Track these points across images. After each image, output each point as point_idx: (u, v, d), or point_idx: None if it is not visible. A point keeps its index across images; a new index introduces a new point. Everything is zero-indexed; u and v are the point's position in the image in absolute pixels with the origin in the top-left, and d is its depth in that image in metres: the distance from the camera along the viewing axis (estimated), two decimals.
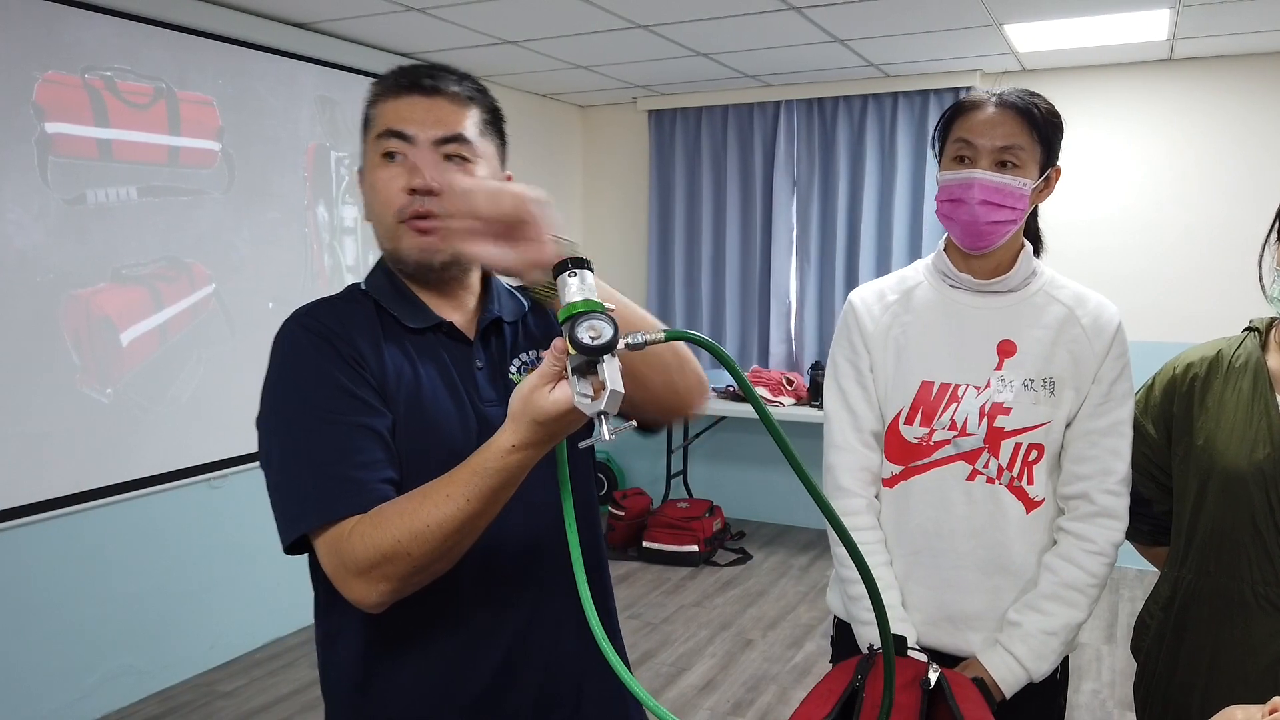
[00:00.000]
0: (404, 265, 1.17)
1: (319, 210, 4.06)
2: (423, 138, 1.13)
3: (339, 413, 1.08)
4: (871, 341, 1.60)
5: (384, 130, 1.14)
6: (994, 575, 1.53)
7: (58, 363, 3.11)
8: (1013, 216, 1.48)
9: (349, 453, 1.06)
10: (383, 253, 1.21)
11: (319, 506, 1.04)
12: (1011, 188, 1.46)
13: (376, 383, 1.11)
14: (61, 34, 3.08)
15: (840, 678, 1.45)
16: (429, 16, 3.74)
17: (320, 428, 1.07)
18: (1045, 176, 1.51)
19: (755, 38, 4.15)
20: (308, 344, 1.12)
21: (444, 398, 1.15)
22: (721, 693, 3.52)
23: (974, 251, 1.53)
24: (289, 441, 1.09)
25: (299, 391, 1.10)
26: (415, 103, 1.14)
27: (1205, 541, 1.50)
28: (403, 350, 1.15)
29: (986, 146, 1.47)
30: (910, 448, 1.56)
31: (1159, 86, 4.68)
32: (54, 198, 3.08)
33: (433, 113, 1.14)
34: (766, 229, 5.47)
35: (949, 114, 1.54)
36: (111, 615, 3.32)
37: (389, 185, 1.14)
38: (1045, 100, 1.51)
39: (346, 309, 1.17)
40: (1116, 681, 3.58)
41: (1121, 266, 4.75)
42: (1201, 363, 1.55)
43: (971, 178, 1.47)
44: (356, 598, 1.03)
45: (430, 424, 1.13)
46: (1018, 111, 1.47)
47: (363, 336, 1.14)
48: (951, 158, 1.51)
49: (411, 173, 1.12)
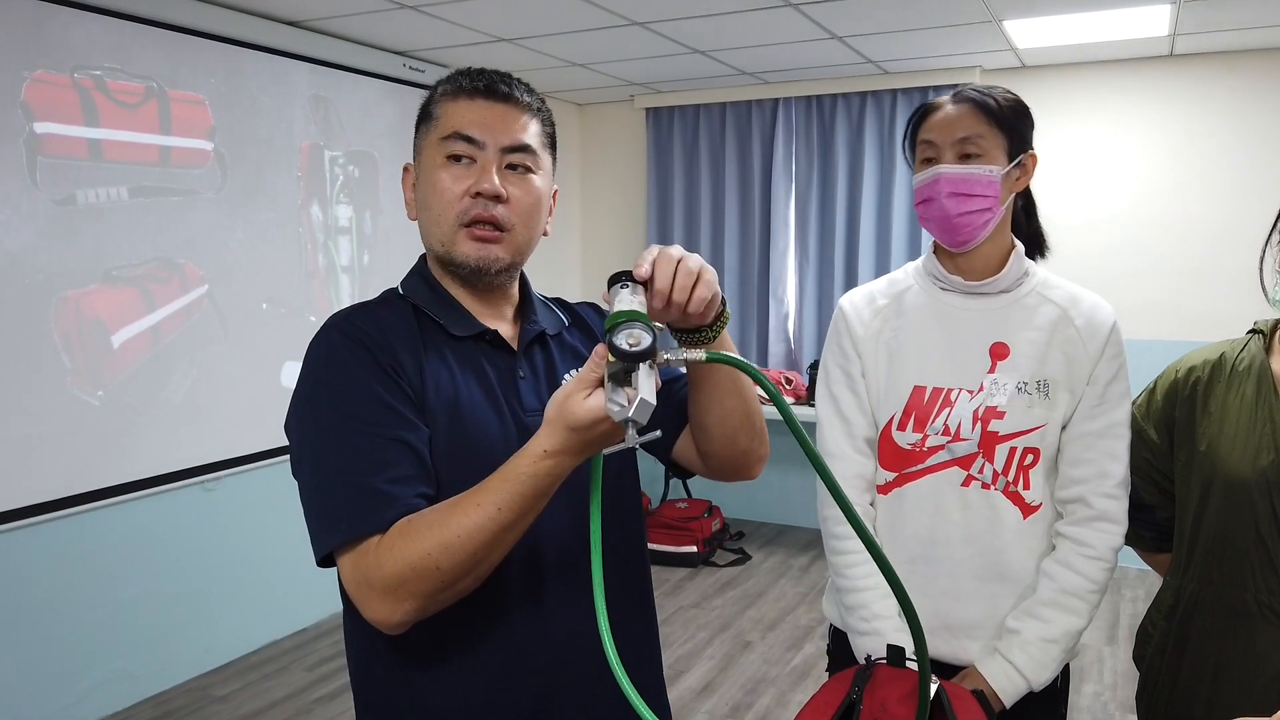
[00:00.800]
0: (458, 269, 1.15)
1: (313, 210, 4.03)
2: (491, 144, 1.13)
3: (373, 424, 1.05)
4: (862, 346, 1.57)
5: (452, 132, 1.12)
6: (991, 582, 1.50)
7: (48, 365, 3.08)
8: (985, 205, 1.47)
9: (382, 466, 1.03)
10: (430, 254, 1.20)
11: (347, 521, 1.01)
12: (977, 176, 1.46)
13: (415, 394, 1.09)
14: (50, 33, 3.05)
15: (837, 689, 1.42)
16: (424, 14, 3.71)
17: (353, 439, 1.04)
18: (1019, 163, 1.50)
19: (753, 35, 4.11)
20: (345, 351, 1.09)
21: (484, 408, 1.13)
22: (720, 695, 3.49)
23: (956, 248, 1.52)
24: (321, 452, 1.06)
25: (333, 400, 1.07)
26: (486, 107, 1.14)
27: (1208, 549, 1.47)
28: (443, 359, 1.13)
29: (947, 141, 1.47)
30: (904, 454, 1.53)
31: (1160, 83, 4.64)
32: (43, 198, 3.05)
33: (503, 120, 1.14)
34: (765, 227, 5.44)
35: (912, 121, 1.55)
36: (105, 619, 3.29)
37: (452, 188, 1.12)
38: (1005, 90, 1.52)
39: (385, 315, 1.15)
40: (1119, 684, 3.55)
41: (1123, 264, 4.72)
42: (1204, 366, 1.52)
43: (937, 174, 1.47)
44: (379, 617, 1.00)
45: (470, 435, 1.11)
46: (974, 104, 1.48)
47: (402, 345, 1.11)
48: (920, 160, 1.52)
49: (479, 176, 1.12)
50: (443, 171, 1.13)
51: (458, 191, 1.12)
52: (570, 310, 1.33)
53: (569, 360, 1.24)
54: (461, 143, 1.12)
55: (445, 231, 1.14)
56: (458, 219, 1.13)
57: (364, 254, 4.27)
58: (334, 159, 4.12)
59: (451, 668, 1.11)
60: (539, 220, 1.19)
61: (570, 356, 1.25)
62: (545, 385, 1.20)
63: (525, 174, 1.16)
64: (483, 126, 1.13)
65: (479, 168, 1.13)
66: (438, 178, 1.13)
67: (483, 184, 1.12)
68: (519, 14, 3.74)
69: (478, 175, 1.12)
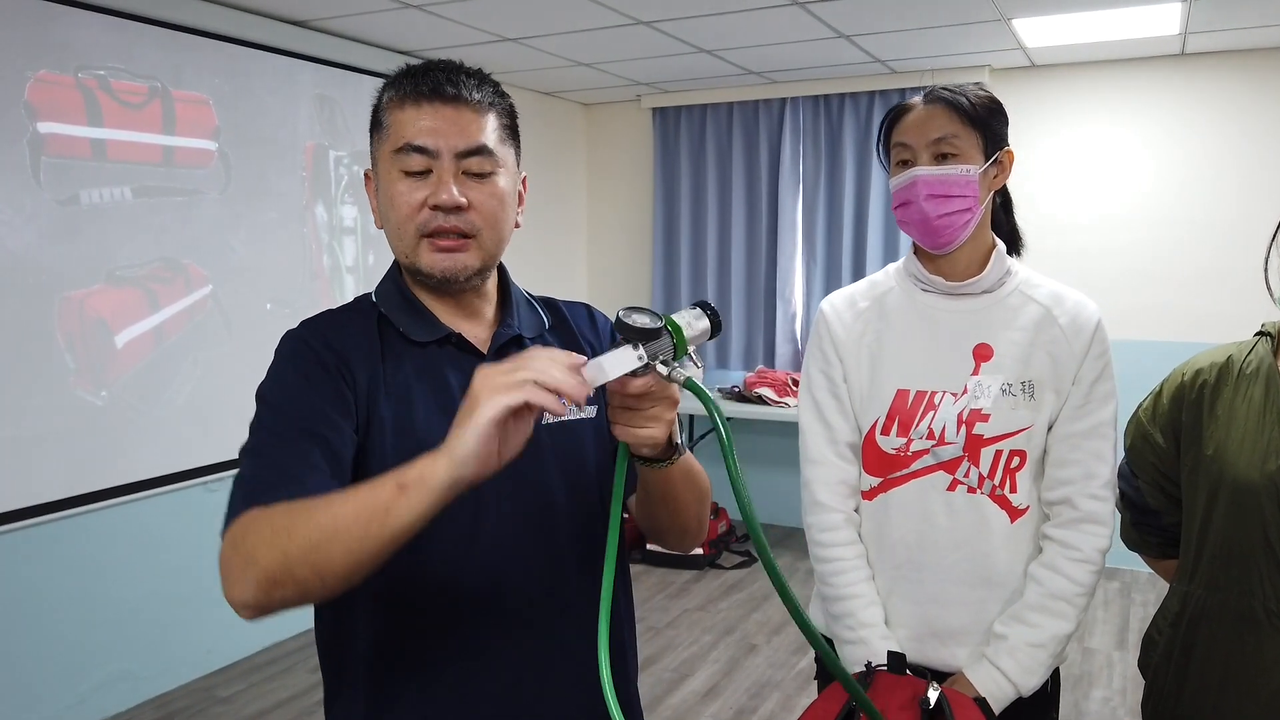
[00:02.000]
0: (426, 279, 1.13)
1: (318, 210, 4.02)
2: (445, 150, 1.08)
3: (305, 421, 1.05)
4: (844, 350, 1.55)
5: (403, 144, 1.08)
6: (979, 588, 1.48)
7: (51, 365, 3.08)
8: (964, 205, 1.45)
9: (302, 455, 1.02)
10: (399, 261, 1.17)
11: (245, 497, 0.98)
12: (954, 177, 1.44)
13: (362, 401, 1.08)
14: (54, 33, 3.04)
15: (836, 697, 1.40)
16: (429, 14, 3.70)
17: (272, 427, 1.05)
18: (995, 161, 1.48)
19: (759, 34, 4.09)
20: (291, 353, 1.10)
21: (435, 415, 1.10)
22: (724, 700, 3.46)
23: (937, 250, 1.50)
24: (253, 443, 1.06)
25: (273, 400, 1.08)
26: (436, 112, 1.08)
27: (1215, 555, 1.44)
28: (401, 366, 1.11)
29: (921, 142, 1.46)
30: (888, 459, 1.51)
31: (1171, 82, 4.59)
32: (46, 198, 3.04)
33: (455, 123, 1.08)
34: (772, 227, 5.41)
35: (885, 124, 1.53)
36: (107, 620, 3.29)
37: (410, 199, 1.09)
38: (978, 88, 1.50)
39: (346, 321, 1.15)
40: (1128, 689, 3.51)
41: (1132, 264, 4.67)
42: (1211, 369, 1.49)
43: (914, 176, 1.45)
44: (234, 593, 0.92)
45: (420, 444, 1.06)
46: (945, 103, 1.46)
47: (357, 351, 1.10)
48: (895, 163, 1.50)
49: (436, 188, 1.08)
50: (399, 184, 1.09)
51: (414, 203, 1.09)
52: (556, 311, 1.29)
53: None
54: (415, 155, 1.08)
55: (407, 244, 1.11)
56: (418, 231, 1.10)
57: (369, 254, 4.26)
58: (338, 159, 4.11)
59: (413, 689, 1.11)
60: (507, 219, 1.15)
61: None
62: None
63: (487, 176, 1.11)
64: (434, 134, 1.08)
65: (434, 179, 1.08)
66: (395, 191, 1.10)
67: (440, 196, 1.07)
68: (524, 13, 3.72)
69: (434, 186, 1.08)
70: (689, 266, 5.64)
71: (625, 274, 5.94)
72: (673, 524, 1.18)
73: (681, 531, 1.20)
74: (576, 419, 1.19)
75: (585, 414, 1.19)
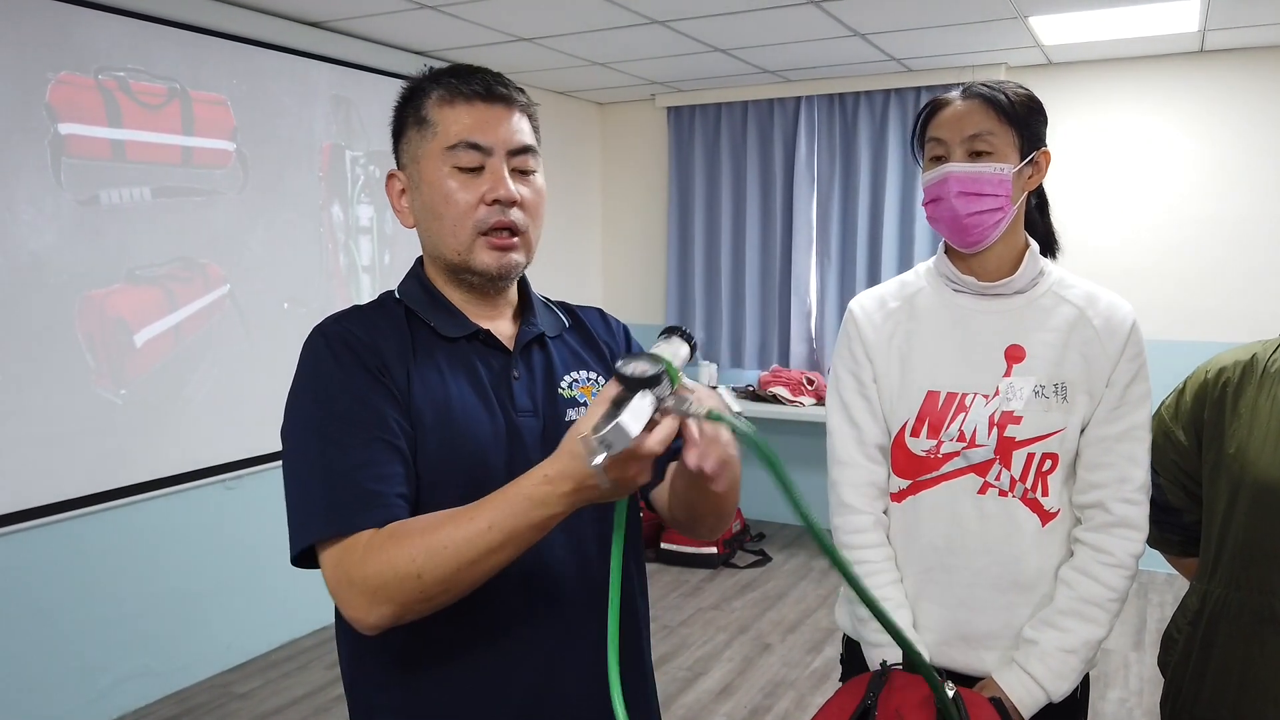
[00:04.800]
0: (476, 276, 1.15)
1: (334, 210, 4.04)
2: (498, 148, 1.12)
3: (358, 424, 1.05)
4: (873, 351, 1.53)
5: (459, 141, 1.11)
6: (1009, 592, 1.46)
7: (72, 364, 3.11)
8: (996, 205, 1.43)
9: (366, 465, 1.03)
10: (440, 261, 1.17)
11: (328, 516, 1.01)
12: (987, 175, 1.42)
13: (401, 395, 1.08)
14: (74, 35, 3.07)
15: (851, 695, 1.40)
16: (444, 14, 3.71)
17: (338, 438, 1.04)
18: (1031, 160, 1.45)
19: (774, 33, 4.09)
20: (329, 353, 1.10)
21: (475, 406, 1.12)
22: (738, 698, 3.46)
23: (967, 249, 1.48)
24: (306, 449, 1.06)
25: (318, 401, 1.07)
26: (487, 110, 1.13)
27: (1235, 554, 1.43)
28: (434, 361, 1.13)
29: (955, 138, 1.44)
30: (918, 461, 1.49)
31: (1190, 79, 4.56)
32: (67, 199, 3.07)
33: (506, 123, 1.13)
34: (787, 227, 5.40)
35: (921, 117, 1.51)
36: (127, 616, 3.31)
37: (466, 197, 1.12)
38: (1017, 86, 1.48)
39: (376, 317, 1.16)
40: (1145, 690, 3.49)
41: (1152, 264, 4.64)
42: (1235, 367, 1.48)
43: (946, 172, 1.43)
44: (356, 615, 0.99)
45: (460, 434, 1.10)
46: (983, 100, 1.44)
47: (390, 347, 1.11)
48: (929, 159, 1.48)
49: (495, 183, 1.11)
50: (452, 181, 1.12)
51: (472, 200, 1.11)
52: (571, 313, 1.31)
53: (569, 362, 1.23)
54: (471, 152, 1.11)
55: (462, 241, 1.13)
56: (475, 228, 1.12)
57: (385, 254, 4.28)
58: (355, 159, 4.13)
59: (438, 678, 1.11)
60: (543, 216, 1.20)
61: (570, 358, 1.24)
62: (542, 386, 1.18)
63: (531, 174, 1.16)
64: (486, 131, 1.12)
65: (489, 175, 1.12)
66: (448, 188, 1.12)
67: (499, 191, 1.11)
68: (539, 13, 3.73)
69: (491, 182, 1.11)
70: (703, 265, 5.64)
71: (640, 273, 5.94)
72: (718, 509, 1.17)
73: (721, 517, 1.19)
74: None
75: None
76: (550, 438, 1.14)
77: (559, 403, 1.18)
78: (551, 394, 1.18)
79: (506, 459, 1.11)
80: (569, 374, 1.21)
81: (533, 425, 1.14)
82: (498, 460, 1.10)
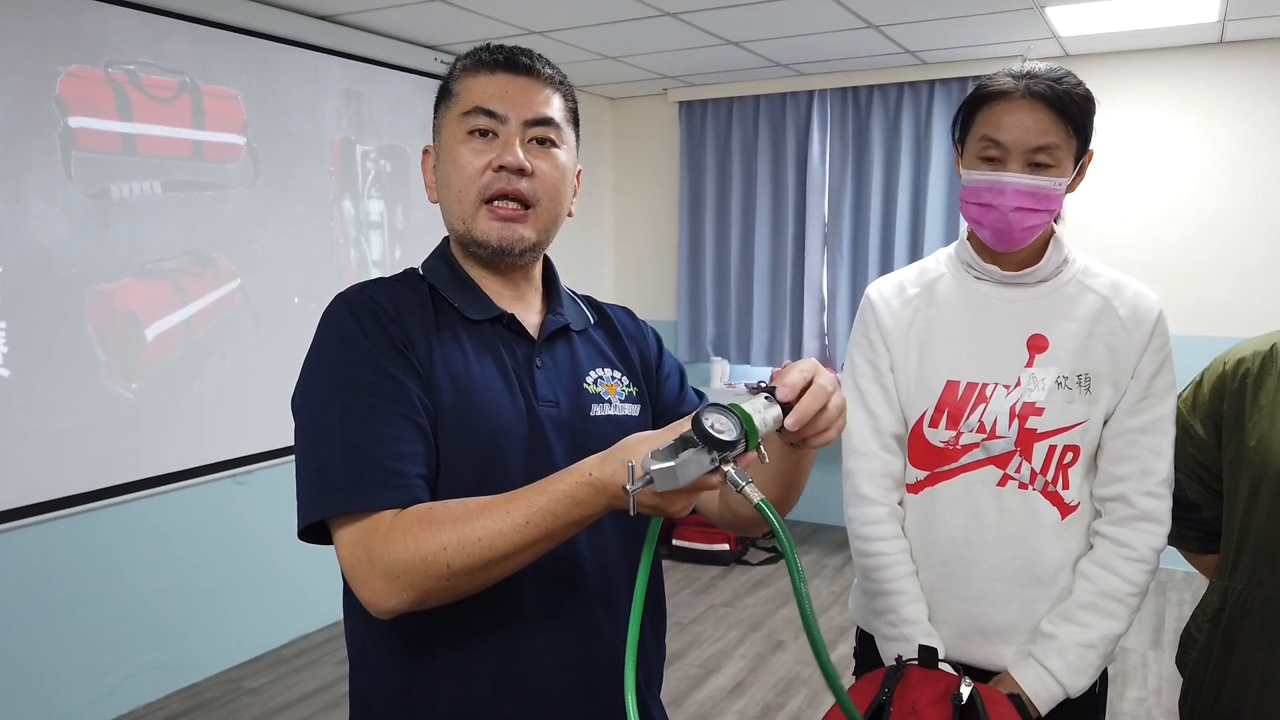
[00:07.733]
0: (479, 248, 1.12)
1: (344, 204, 4.04)
2: (513, 117, 1.10)
3: (380, 395, 1.01)
4: (891, 339, 1.49)
5: (472, 107, 1.10)
6: (1027, 586, 1.43)
7: (82, 358, 3.11)
8: (1048, 218, 1.39)
9: (387, 440, 0.99)
10: (452, 235, 1.16)
11: (348, 492, 0.97)
12: (1046, 189, 1.36)
13: (424, 370, 1.05)
14: (84, 28, 3.07)
15: (866, 690, 1.38)
16: (454, 8, 3.70)
17: (358, 409, 1.00)
18: (1079, 167, 1.41)
19: (787, 25, 4.05)
20: (353, 321, 1.06)
21: (497, 387, 1.09)
22: (751, 695, 3.44)
23: (1004, 250, 1.43)
24: (323, 419, 1.02)
25: (339, 368, 1.03)
26: (508, 81, 1.11)
27: (1257, 549, 1.40)
28: (457, 341, 1.10)
29: (1018, 147, 1.35)
30: (936, 452, 1.45)
31: (1210, 71, 4.50)
32: (77, 193, 3.07)
33: (525, 93, 1.11)
34: (799, 221, 5.37)
35: (971, 103, 1.41)
36: (137, 611, 3.32)
37: (473, 162, 1.09)
38: (1076, 81, 1.38)
39: (400, 289, 1.12)
40: (1163, 689, 3.45)
41: (1170, 257, 4.58)
42: (1254, 358, 1.45)
43: (1002, 182, 1.36)
44: (373, 599, 0.96)
45: (480, 412, 1.07)
46: (1049, 104, 1.34)
47: (414, 320, 1.08)
48: (977, 156, 1.39)
49: (502, 150, 1.09)
50: (463, 147, 1.10)
51: (479, 166, 1.09)
52: (599, 309, 1.28)
53: (593, 357, 1.20)
54: (483, 117, 1.09)
55: (466, 209, 1.11)
56: (479, 195, 1.09)
57: (395, 249, 4.27)
58: (365, 153, 4.12)
59: (447, 664, 1.07)
60: (565, 196, 1.15)
61: (594, 353, 1.21)
62: (564, 378, 1.15)
63: (550, 148, 1.12)
64: (504, 99, 1.10)
65: (501, 142, 1.09)
66: (458, 153, 1.10)
67: (505, 157, 1.08)
68: (550, 6, 3.71)
69: (500, 149, 1.09)
70: (714, 260, 5.61)
71: (651, 267, 5.92)
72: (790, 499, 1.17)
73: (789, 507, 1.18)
74: (624, 415, 1.18)
75: (629, 412, 1.19)
76: (572, 430, 1.11)
77: (584, 396, 1.15)
78: (576, 387, 1.15)
79: (526, 446, 1.08)
80: (593, 370, 1.19)
81: (554, 415, 1.11)
82: (516, 447, 1.07)
